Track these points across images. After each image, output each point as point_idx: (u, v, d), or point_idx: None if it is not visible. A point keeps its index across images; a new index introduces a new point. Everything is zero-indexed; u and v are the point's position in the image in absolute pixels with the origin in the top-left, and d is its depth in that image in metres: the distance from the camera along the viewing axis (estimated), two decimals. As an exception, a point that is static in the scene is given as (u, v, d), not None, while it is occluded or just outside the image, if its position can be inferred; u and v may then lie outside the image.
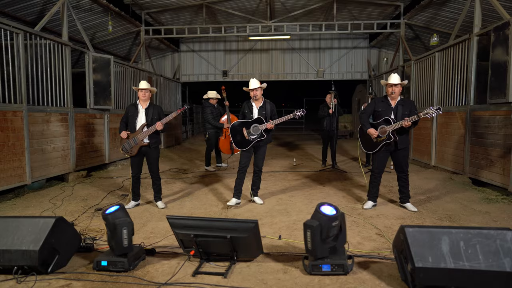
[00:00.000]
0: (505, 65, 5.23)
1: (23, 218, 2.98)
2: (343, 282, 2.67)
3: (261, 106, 4.88)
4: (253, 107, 4.89)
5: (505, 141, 5.35)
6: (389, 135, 4.45)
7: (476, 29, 6.38)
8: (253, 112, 4.87)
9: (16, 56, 5.53)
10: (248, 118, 4.89)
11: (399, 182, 4.75)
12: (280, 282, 2.70)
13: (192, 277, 2.79)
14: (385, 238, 3.65)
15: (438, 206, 4.91)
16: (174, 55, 14.49)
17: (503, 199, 5.17)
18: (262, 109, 4.87)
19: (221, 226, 2.81)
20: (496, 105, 5.58)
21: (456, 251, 2.38)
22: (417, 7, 9.03)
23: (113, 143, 8.54)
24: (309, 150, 11.75)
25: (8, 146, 5.36)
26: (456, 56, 6.90)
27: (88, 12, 8.69)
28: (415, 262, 2.38)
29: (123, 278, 2.80)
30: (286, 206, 4.93)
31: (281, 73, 14.31)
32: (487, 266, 2.31)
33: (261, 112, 4.85)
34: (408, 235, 2.48)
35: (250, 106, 4.92)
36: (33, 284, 2.67)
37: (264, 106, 4.89)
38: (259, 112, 4.86)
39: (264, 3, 11.28)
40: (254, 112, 4.87)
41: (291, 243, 3.52)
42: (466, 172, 6.42)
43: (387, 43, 12.97)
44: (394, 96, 4.47)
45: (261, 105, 4.89)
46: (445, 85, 7.37)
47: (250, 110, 4.90)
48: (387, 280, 2.69)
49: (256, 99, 4.86)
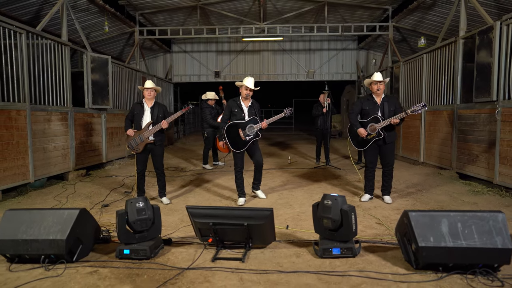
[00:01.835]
0: (490, 66, 5.60)
1: (47, 210, 3.11)
2: (352, 263, 2.92)
3: (250, 106, 4.93)
4: (242, 106, 4.91)
5: (490, 137, 5.73)
6: (379, 132, 4.74)
7: (461, 33, 6.78)
8: (244, 112, 4.89)
9: (20, 55, 5.59)
10: (238, 118, 4.87)
11: (384, 175, 5.00)
12: (294, 264, 2.92)
13: (212, 262, 2.98)
14: (385, 226, 3.92)
15: (429, 198, 5.23)
16: (166, 56, 14.58)
17: (488, 191, 5.54)
18: (252, 108, 4.93)
19: (238, 214, 3.02)
20: (481, 104, 5.96)
21: (454, 232, 2.65)
22: (405, 11, 9.43)
23: (110, 143, 8.61)
24: (301, 149, 12.04)
25: (13, 144, 5.41)
26: (443, 58, 7.29)
27: (84, 12, 8.74)
28: (419, 242, 2.64)
29: (146, 264, 2.97)
30: (288, 200, 5.16)
31: (273, 74, 14.58)
32: (482, 244, 2.59)
33: (251, 112, 4.91)
34: (412, 218, 2.74)
35: (240, 105, 4.90)
36: (62, 271, 2.81)
37: (253, 106, 4.95)
38: (249, 111, 4.91)
39: (256, 5, 11.53)
40: (245, 112, 4.89)
41: (298, 232, 3.75)
42: (453, 167, 6.80)
43: (375, 45, 13.41)
44: (379, 93, 4.75)
45: (250, 104, 4.94)
46: (433, 85, 7.76)
47: (240, 109, 4.90)
48: (392, 261, 2.95)
49: (247, 98, 4.90)
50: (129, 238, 3.09)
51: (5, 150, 5.27)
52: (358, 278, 2.65)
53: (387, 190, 5.05)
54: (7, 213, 3.08)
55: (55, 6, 6.87)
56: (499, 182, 5.46)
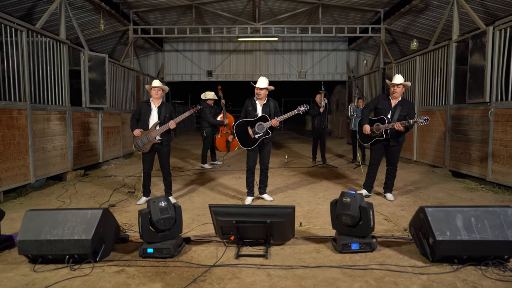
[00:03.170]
0: (483, 69, 5.87)
1: (70, 210, 3.11)
2: (371, 257, 3.05)
3: (265, 104, 5.00)
4: (257, 105, 4.99)
5: (483, 137, 6.01)
6: (382, 133, 4.91)
7: (454, 36, 7.06)
8: (257, 110, 4.97)
9: (20, 53, 5.49)
10: (252, 116, 4.95)
11: (387, 174, 5.22)
12: (316, 259, 3.03)
13: (235, 259, 3.05)
14: (393, 223, 4.08)
15: (428, 195, 5.45)
16: (158, 55, 14.47)
17: (482, 188, 5.81)
18: (266, 106, 5.00)
19: (261, 212, 3.10)
20: (475, 105, 6.23)
21: (468, 226, 2.82)
22: (397, 14, 9.70)
23: (107, 142, 8.52)
24: (294, 148, 12.20)
25: (14, 144, 5.32)
26: (436, 60, 7.56)
27: (79, 10, 8.61)
28: (436, 236, 2.79)
29: (172, 263, 3.01)
30: (295, 198, 5.27)
31: (265, 74, 14.66)
32: (494, 237, 2.76)
33: (265, 110, 4.97)
34: (428, 214, 2.89)
35: (254, 104, 4.98)
36: (90, 271, 2.83)
37: (267, 104, 5.01)
38: (263, 110, 4.97)
39: (250, 5, 11.60)
40: (258, 110, 4.97)
41: (312, 229, 3.86)
42: (446, 166, 7.07)
43: (366, 46, 13.70)
44: (396, 95, 4.91)
45: (265, 103, 5.00)
46: (426, 86, 8.03)
47: (254, 108, 4.98)
48: (408, 254, 3.10)
49: (260, 98, 4.97)
50: (152, 237, 3.13)
51: (7, 150, 5.17)
52: (380, 271, 2.78)
53: (389, 188, 5.23)
54: (28, 214, 3.07)
55: (53, 3, 6.75)
56: (492, 179, 5.73)
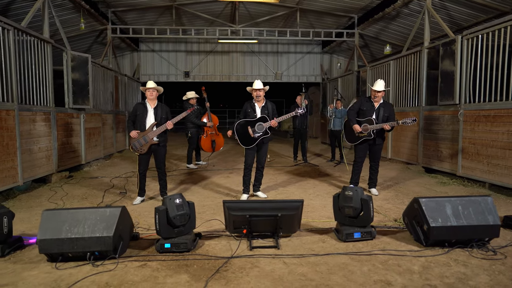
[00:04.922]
0: (453, 74, 6.47)
1: (88, 209, 3.17)
2: (373, 244, 3.38)
3: (264, 106, 5.30)
4: (256, 107, 5.28)
5: (453, 135, 6.61)
6: (370, 133, 5.32)
7: (426, 43, 7.67)
8: (256, 112, 5.26)
9: (8, 52, 5.35)
10: (251, 117, 5.26)
11: (371, 170, 5.65)
12: (324, 248, 3.32)
13: (250, 251, 3.27)
14: (383, 214, 4.47)
15: (408, 190, 5.93)
16: (133, 54, 14.26)
17: (453, 182, 6.40)
18: (265, 108, 5.29)
19: (272, 206, 3.33)
20: (445, 106, 6.83)
21: (456, 213, 3.22)
22: (370, 20, 10.30)
23: (89, 143, 8.37)
24: (273, 148, 12.51)
25: (3, 146, 5.18)
26: (409, 64, 8.17)
27: (58, 8, 8.38)
28: (430, 222, 3.17)
29: (191, 256, 3.17)
30: (288, 195, 5.55)
31: (242, 75, 14.90)
32: (478, 222, 3.19)
33: (263, 111, 5.26)
34: (422, 203, 3.27)
35: (253, 106, 5.29)
36: (114, 266, 2.93)
37: (266, 106, 5.31)
38: (262, 111, 5.27)
39: (229, 8, 11.78)
40: (257, 112, 5.26)
41: (311, 222, 4.15)
42: (420, 162, 7.67)
43: (339, 49, 14.31)
44: (377, 99, 5.36)
45: (263, 105, 5.30)
46: (399, 89, 8.63)
47: (253, 109, 5.26)
48: (404, 241, 3.46)
49: (259, 100, 5.27)
50: (169, 233, 3.27)
51: (-4, 152, 5.04)
52: (384, 256, 3.11)
53: (373, 183, 5.65)
54: (45, 214, 3.10)
55: (37, 2, 6.57)
56: (462, 174, 6.33)
